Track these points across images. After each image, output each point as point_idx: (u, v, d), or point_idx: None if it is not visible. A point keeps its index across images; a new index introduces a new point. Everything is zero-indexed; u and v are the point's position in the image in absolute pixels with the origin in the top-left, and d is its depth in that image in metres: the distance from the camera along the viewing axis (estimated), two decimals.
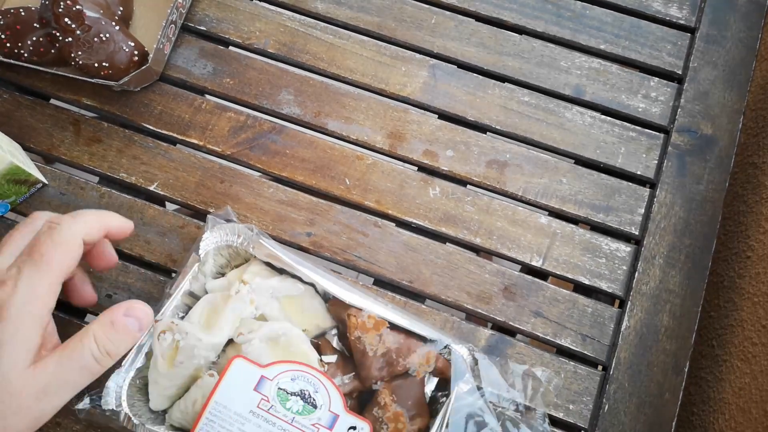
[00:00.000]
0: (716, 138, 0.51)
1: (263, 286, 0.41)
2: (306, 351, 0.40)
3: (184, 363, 0.38)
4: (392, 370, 0.40)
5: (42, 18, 0.49)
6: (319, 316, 0.42)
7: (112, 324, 0.35)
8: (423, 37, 0.54)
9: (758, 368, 0.45)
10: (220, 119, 0.52)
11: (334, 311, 0.42)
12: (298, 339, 0.40)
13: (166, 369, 0.38)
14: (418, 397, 0.41)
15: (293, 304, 0.42)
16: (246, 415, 0.37)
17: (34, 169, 0.48)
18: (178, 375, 0.38)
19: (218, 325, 0.39)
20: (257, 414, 0.37)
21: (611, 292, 0.48)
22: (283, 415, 0.37)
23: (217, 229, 0.42)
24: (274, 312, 0.41)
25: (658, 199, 0.50)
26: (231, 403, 0.37)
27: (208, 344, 0.38)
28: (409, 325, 0.41)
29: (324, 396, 0.38)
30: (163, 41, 0.50)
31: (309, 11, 0.55)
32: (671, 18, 0.55)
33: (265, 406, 0.37)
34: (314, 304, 0.42)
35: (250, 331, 0.39)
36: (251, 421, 0.37)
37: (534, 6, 0.55)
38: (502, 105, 0.52)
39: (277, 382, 0.38)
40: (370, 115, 0.52)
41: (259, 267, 0.42)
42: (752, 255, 0.51)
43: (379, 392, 0.40)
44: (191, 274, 0.42)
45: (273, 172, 0.50)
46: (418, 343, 0.41)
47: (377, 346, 0.40)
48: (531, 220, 0.49)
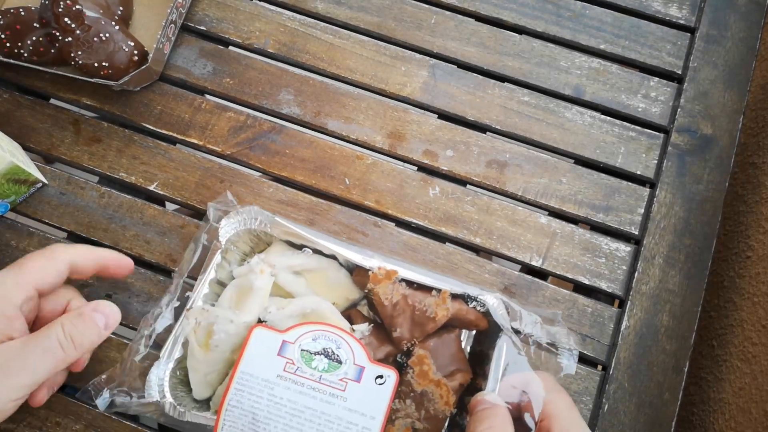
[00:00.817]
0: (716, 138, 0.51)
1: (287, 264, 0.42)
2: (338, 323, 0.40)
3: (219, 346, 0.39)
4: (423, 329, 0.39)
5: (42, 18, 0.49)
6: (346, 288, 0.43)
7: (80, 315, 0.37)
8: (423, 36, 0.54)
9: (758, 368, 0.45)
10: (220, 119, 0.52)
11: (359, 281, 0.42)
12: (328, 312, 0.41)
13: (203, 355, 0.39)
14: (455, 353, 0.40)
15: (319, 279, 0.43)
16: (274, 380, 0.38)
17: (33, 168, 0.48)
18: (215, 359, 0.39)
19: (247, 306, 0.40)
20: (284, 377, 0.38)
21: (611, 292, 0.48)
22: (309, 374, 0.38)
23: (234, 215, 0.43)
24: (301, 288, 0.42)
25: (658, 199, 0.50)
26: (257, 371, 0.38)
27: (239, 324, 0.39)
28: (435, 283, 0.40)
29: (347, 351, 0.39)
30: (162, 41, 0.50)
31: (309, 11, 0.55)
32: (671, 18, 0.55)
33: (291, 368, 0.38)
34: (340, 277, 0.43)
35: (280, 308, 0.40)
36: (279, 384, 0.38)
37: (534, 6, 0.55)
38: (502, 105, 0.52)
39: (299, 344, 0.39)
40: (370, 115, 0.52)
41: (281, 247, 0.43)
42: (752, 255, 0.51)
43: (414, 352, 0.39)
44: (215, 263, 0.42)
45: (273, 172, 0.50)
46: (445, 299, 0.40)
47: (392, 294, 0.39)
48: (531, 220, 0.49)
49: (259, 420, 0.37)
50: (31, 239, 0.48)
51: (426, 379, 0.38)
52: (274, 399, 0.38)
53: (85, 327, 0.37)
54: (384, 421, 0.37)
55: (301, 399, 0.38)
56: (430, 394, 0.38)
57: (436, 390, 0.38)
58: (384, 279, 0.40)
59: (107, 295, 0.46)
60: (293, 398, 0.38)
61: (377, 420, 0.37)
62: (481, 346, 0.42)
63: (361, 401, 0.38)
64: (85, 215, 0.49)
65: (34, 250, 0.48)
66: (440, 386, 0.38)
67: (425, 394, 0.38)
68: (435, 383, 0.38)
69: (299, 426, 0.37)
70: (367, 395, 0.38)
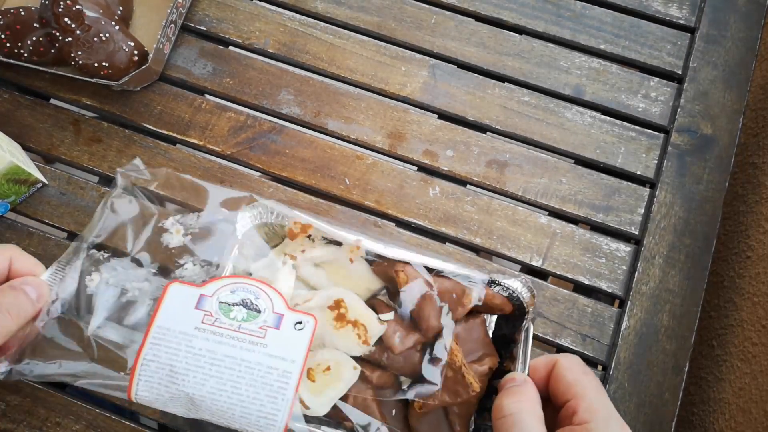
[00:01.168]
0: (716, 138, 0.51)
1: (307, 257, 0.41)
2: (363, 312, 0.40)
3: None
4: (452, 315, 0.39)
5: (42, 18, 0.49)
6: (366, 279, 0.42)
7: (10, 286, 0.37)
8: (423, 36, 0.54)
9: (758, 368, 0.45)
10: (220, 119, 0.52)
11: (380, 272, 0.42)
12: (352, 301, 0.40)
13: None
14: (482, 338, 0.40)
15: (339, 271, 0.42)
16: (192, 332, 0.38)
17: (33, 168, 0.48)
18: None
19: None
20: (203, 329, 0.38)
21: (611, 292, 0.48)
22: (228, 324, 0.39)
23: (250, 209, 0.42)
24: (322, 280, 0.42)
25: (658, 199, 0.50)
26: (174, 324, 0.38)
27: None
28: (458, 270, 0.40)
29: (266, 300, 0.39)
30: (162, 41, 0.50)
31: (309, 11, 0.55)
32: (671, 18, 0.55)
33: (210, 320, 0.39)
34: (360, 268, 0.42)
35: (305, 300, 0.39)
36: (198, 336, 0.38)
37: (534, 6, 0.55)
38: (502, 105, 0.52)
39: (217, 297, 0.39)
40: (370, 115, 0.52)
41: (300, 239, 0.42)
42: (752, 255, 0.51)
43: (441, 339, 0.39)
44: (232, 258, 0.42)
45: (273, 172, 0.50)
46: (469, 285, 0.40)
47: (417, 282, 0.39)
48: (531, 220, 0.49)
49: (178, 372, 0.38)
50: (31, 239, 0.48)
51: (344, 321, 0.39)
52: (193, 350, 0.38)
53: (16, 296, 0.37)
54: (304, 363, 0.38)
55: (220, 348, 0.38)
56: (460, 378, 0.38)
57: (460, 376, 0.38)
58: (300, 233, 0.41)
59: None
60: (212, 348, 0.38)
61: (297, 363, 0.38)
62: (504, 330, 0.43)
63: (281, 346, 0.38)
64: (85, 215, 0.49)
65: (34, 250, 0.48)
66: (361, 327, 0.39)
67: (457, 380, 0.38)
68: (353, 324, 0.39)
69: (219, 374, 0.38)
70: (287, 340, 0.39)
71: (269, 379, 0.38)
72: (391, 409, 0.40)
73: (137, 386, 0.37)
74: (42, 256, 0.46)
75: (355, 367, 0.38)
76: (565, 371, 0.35)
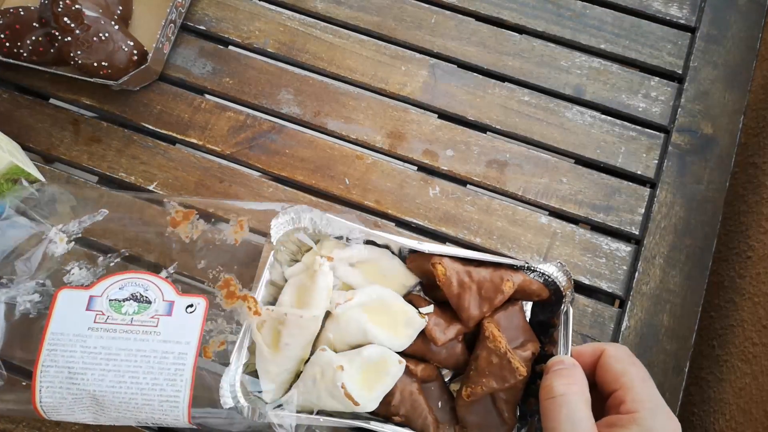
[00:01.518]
0: (717, 138, 0.51)
1: (342, 257, 0.42)
2: (404, 308, 0.40)
3: (290, 344, 0.39)
4: (491, 303, 0.39)
5: (41, 17, 0.49)
6: (401, 276, 0.43)
7: None
8: (423, 36, 0.54)
9: (759, 368, 0.45)
10: (220, 119, 0.52)
11: (414, 266, 0.42)
12: (392, 298, 0.41)
13: (273, 355, 0.39)
14: (522, 324, 0.41)
15: (373, 270, 0.43)
16: (85, 333, 0.40)
17: (33, 168, 0.48)
18: (286, 358, 0.39)
19: (313, 300, 0.40)
20: (96, 328, 0.40)
21: (611, 292, 0.48)
22: (121, 319, 0.41)
23: (282, 215, 0.43)
24: (358, 280, 0.42)
25: (659, 198, 0.50)
26: (67, 328, 0.40)
27: (309, 318, 0.39)
28: (493, 259, 0.40)
29: (155, 291, 0.42)
30: (162, 41, 0.50)
31: (309, 11, 0.55)
32: (671, 17, 0.55)
33: (102, 318, 0.41)
34: (394, 265, 0.43)
35: (347, 299, 0.40)
36: (91, 336, 0.40)
37: (534, 5, 0.55)
38: (502, 105, 0.52)
39: (107, 295, 0.41)
40: (369, 115, 0.52)
41: (332, 242, 0.43)
42: (753, 255, 0.50)
43: (484, 327, 0.39)
44: (269, 264, 0.42)
45: (273, 172, 0.50)
46: (506, 272, 0.40)
47: (455, 272, 0.39)
48: (531, 219, 0.49)
49: (76, 372, 0.39)
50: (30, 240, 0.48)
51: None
52: (88, 350, 0.40)
53: None
54: (198, 344, 0.40)
55: (115, 343, 0.40)
56: (506, 364, 0.38)
57: (506, 361, 0.38)
58: (183, 220, 0.43)
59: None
60: (107, 344, 0.40)
61: (192, 344, 0.40)
62: (540, 317, 0.43)
63: (175, 331, 0.41)
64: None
65: None
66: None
67: (503, 365, 0.38)
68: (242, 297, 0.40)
69: (116, 368, 0.39)
70: (180, 325, 0.41)
71: (166, 363, 0.40)
72: (437, 401, 0.40)
73: (40, 393, 0.39)
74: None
75: (400, 361, 0.39)
76: (612, 361, 0.35)
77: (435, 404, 0.40)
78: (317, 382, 0.38)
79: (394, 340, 0.40)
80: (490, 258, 0.40)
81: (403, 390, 0.39)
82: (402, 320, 0.40)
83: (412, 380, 0.39)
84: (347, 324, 0.39)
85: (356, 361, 0.38)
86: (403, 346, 0.40)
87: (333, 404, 0.38)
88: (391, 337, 0.40)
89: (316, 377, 0.38)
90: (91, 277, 0.43)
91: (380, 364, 0.39)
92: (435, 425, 0.39)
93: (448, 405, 0.40)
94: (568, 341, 0.39)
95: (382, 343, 0.39)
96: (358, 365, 0.38)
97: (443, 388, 0.41)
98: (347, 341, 0.40)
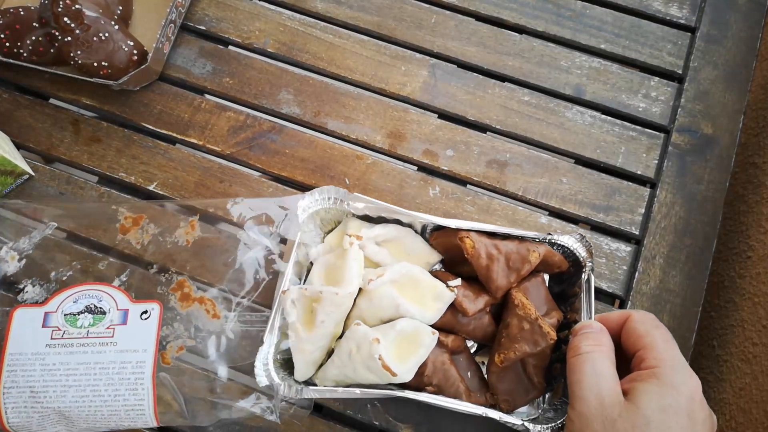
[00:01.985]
0: (717, 138, 0.51)
1: (370, 236, 0.43)
2: (433, 282, 0.42)
3: (325, 321, 0.40)
4: (519, 273, 0.41)
5: (41, 17, 0.49)
6: (425, 253, 0.44)
7: None
8: (423, 36, 0.54)
9: (759, 368, 0.45)
10: (220, 119, 0.52)
11: (438, 243, 0.44)
12: (421, 273, 0.42)
13: (308, 333, 0.40)
14: (545, 294, 0.42)
15: (398, 248, 0.44)
16: (43, 350, 0.41)
17: (20, 160, 0.48)
18: (320, 335, 0.40)
19: (346, 277, 0.40)
20: (53, 345, 0.41)
21: (611, 291, 0.48)
22: (77, 333, 0.41)
23: (308, 196, 0.44)
24: (386, 258, 0.43)
25: (659, 198, 0.50)
26: (25, 348, 0.41)
27: (344, 295, 0.40)
28: (517, 233, 0.42)
29: (109, 301, 0.42)
30: (162, 40, 0.50)
31: (309, 11, 0.55)
32: (671, 17, 0.55)
33: (58, 334, 0.41)
34: (417, 243, 0.44)
35: (378, 276, 0.41)
36: (50, 353, 0.41)
37: (534, 5, 0.55)
38: (502, 104, 0.52)
39: (62, 310, 0.42)
40: (369, 115, 0.52)
41: (357, 222, 0.44)
42: (753, 255, 0.50)
43: (513, 296, 0.41)
44: (295, 246, 0.43)
45: (273, 172, 0.50)
46: (531, 244, 0.41)
47: (483, 245, 0.40)
48: (531, 220, 0.49)
49: (38, 391, 0.40)
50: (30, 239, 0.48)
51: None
52: (47, 367, 0.40)
53: None
54: (156, 350, 0.41)
55: (73, 358, 0.40)
56: (537, 329, 0.39)
57: (537, 327, 0.39)
58: (132, 226, 0.44)
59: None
60: (65, 360, 0.40)
61: (149, 351, 0.41)
62: (556, 289, 0.45)
63: (131, 340, 0.41)
64: (84, 215, 0.49)
65: None
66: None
67: (534, 330, 0.39)
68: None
69: (77, 383, 0.40)
70: (135, 332, 0.41)
71: (125, 373, 0.41)
72: (466, 371, 0.42)
73: (6, 414, 0.40)
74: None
75: (433, 333, 0.40)
76: (636, 324, 0.37)
77: (465, 374, 0.42)
78: (353, 356, 0.39)
79: (425, 313, 0.41)
80: (513, 231, 0.41)
81: (435, 361, 0.40)
82: (431, 294, 0.41)
83: (443, 351, 0.41)
84: (380, 299, 0.40)
85: (390, 335, 0.39)
86: (434, 319, 0.41)
87: (368, 377, 0.39)
88: (422, 311, 0.41)
89: (351, 351, 0.39)
90: (45, 293, 0.43)
91: (413, 336, 0.40)
92: (467, 393, 0.40)
93: (476, 375, 0.42)
94: (591, 307, 0.41)
95: (413, 316, 0.40)
96: (392, 338, 0.39)
97: (471, 359, 0.43)
98: (379, 316, 0.41)
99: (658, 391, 0.33)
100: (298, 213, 0.43)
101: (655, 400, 0.33)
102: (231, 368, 0.44)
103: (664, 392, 0.33)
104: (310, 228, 0.44)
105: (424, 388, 0.40)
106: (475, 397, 0.40)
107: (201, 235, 0.45)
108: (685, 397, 0.33)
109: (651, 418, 0.32)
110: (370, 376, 0.39)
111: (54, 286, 0.44)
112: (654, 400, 0.33)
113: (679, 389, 0.33)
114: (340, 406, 0.44)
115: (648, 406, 0.33)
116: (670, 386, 0.33)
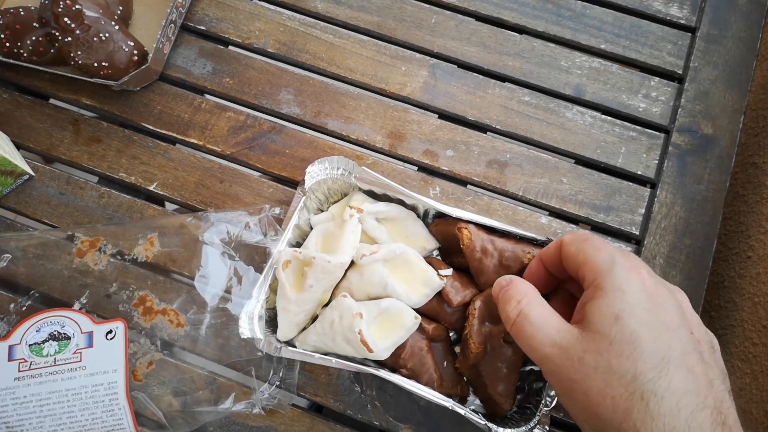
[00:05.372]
0: (717, 138, 0.51)
1: (371, 211, 0.43)
2: (425, 267, 0.42)
3: (314, 286, 0.40)
4: (509, 271, 0.40)
5: (41, 17, 0.49)
6: (423, 239, 0.44)
7: None
8: (423, 36, 0.54)
9: (759, 369, 0.45)
10: (220, 119, 0.52)
11: (437, 231, 0.44)
12: (414, 257, 0.42)
13: (296, 295, 0.40)
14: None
15: (397, 229, 0.44)
16: (12, 384, 0.40)
17: (20, 160, 0.48)
18: (307, 299, 0.40)
19: (341, 247, 0.41)
20: (21, 377, 0.40)
21: None
22: (44, 362, 0.40)
23: (318, 163, 0.44)
24: (383, 236, 0.43)
25: (659, 199, 0.50)
26: None
27: (336, 264, 0.40)
28: (518, 232, 0.42)
29: (72, 325, 0.42)
30: (162, 41, 0.50)
31: (309, 11, 0.55)
32: (672, 17, 0.55)
33: (25, 366, 0.40)
34: (417, 228, 0.44)
35: (372, 252, 0.41)
36: (19, 386, 0.40)
37: (534, 5, 0.55)
38: (502, 105, 0.52)
39: (25, 341, 0.41)
40: (370, 115, 0.52)
41: (362, 196, 0.44)
42: (753, 255, 0.50)
43: (473, 302, 0.41)
44: (298, 209, 0.44)
45: (273, 172, 0.50)
46: (528, 246, 0.41)
47: (479, 239, 0.41)
48: (531, 220, 0.49)
49: (13, 426, 0.39)
50: (30, 239, 0.48)
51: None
52: (19, 401, 0.40)
53: None
54: (126, 369, 0.41)
55: (44, 388, 0.40)
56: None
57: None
58: (89, 249, 0.44)
59: (106, 296, 0.46)
60: (36, 391, 0.40)
61: (119, 371, 0.41)
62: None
63: (100, 361, 0.41)
64: (84, 215, 0.49)
65: (33, 251, 0.47)
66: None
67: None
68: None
69: (51, 412, 0.40)
70: (102, 354, 0.41)
71: (98, 396, 0.40)
72: (442, 360, 0.42)
73: None
74: (41, 256, 0.46)
75: (416, 317, 0.40)
76: (568, 246, 0.34)
77: (441, 363, 0.42)
78: (334, 326, 0.39)
79: (412, 296, 0.41)
80: (514, 230, 0.41)
81: (414, 345, 0.40)
82: (421, 279, 0.41)
83: (423, 337, 0.41)
84: (370, 276, 0.41)
85: (374, 311, 0.40)
86: (419, 304, 0.41)
87: (346, 349, 0.39)
88: (409, 294, 0.41)
89: (334, 321, 0.39)
90: (6, 327, 0.43)
91: (396, 316, 0.40)
92: (439, 382, 0.40)
93: (451, 366, 0.42)
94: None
95: (399, 297, 0.40)
96: (375, 315, 0.40)
97: (449, 350, 0.43)
98: (367, 291, 0.41)
99: (605, 303, 0.30)
100: (305, 178, 0.44)
101: (607, 313, 0.29)
102: (208, 372, 0.44)
103: (610, 301, 0.29)
104: (317, 195, 0.45)
105: (398, 369, 0.40)
106: (446, 388, 0.41)
107: (161, 249, 0.45)
108: (635, 294, 0.29)
109: (612, 336, 0.29)
110: (348, 348, 0.39)
111: (15, 318, 0.43)
112: (606, 314, 0.29)
113: (625, 288, 0.30)
114: (340, 407, 0.44)
115: (603, 324, 0.29)
116: (614, 290, 0.30)
